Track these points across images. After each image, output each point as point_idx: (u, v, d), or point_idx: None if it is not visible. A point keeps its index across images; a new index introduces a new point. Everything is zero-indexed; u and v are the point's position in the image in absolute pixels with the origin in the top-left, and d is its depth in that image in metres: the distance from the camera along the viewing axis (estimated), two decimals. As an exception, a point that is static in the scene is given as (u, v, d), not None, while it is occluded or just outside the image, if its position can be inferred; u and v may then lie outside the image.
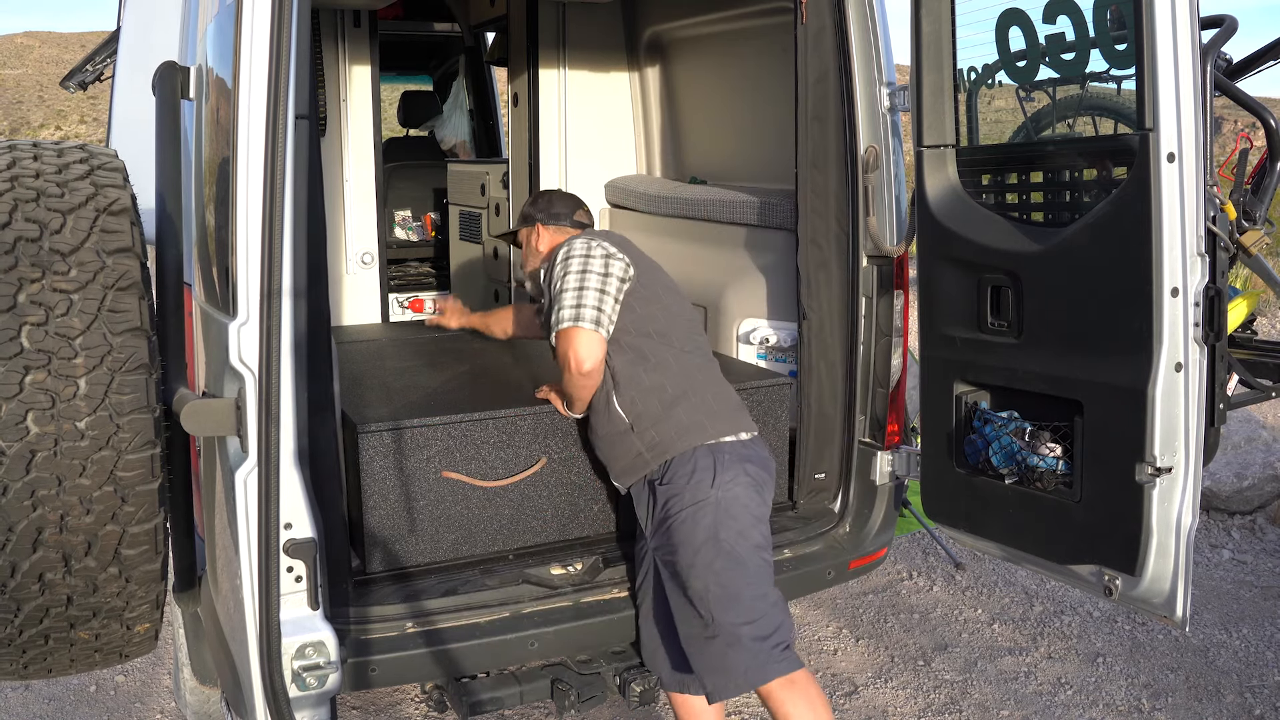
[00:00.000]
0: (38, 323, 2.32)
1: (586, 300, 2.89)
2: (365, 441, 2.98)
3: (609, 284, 2.93)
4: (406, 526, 3.06)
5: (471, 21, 6.69)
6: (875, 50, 3.32)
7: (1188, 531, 2.67)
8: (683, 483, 2.86)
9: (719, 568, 2.78)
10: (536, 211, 3.42)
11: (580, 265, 2.94)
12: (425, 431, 3.05)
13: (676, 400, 2.94)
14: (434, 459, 3.07)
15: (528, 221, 3.43)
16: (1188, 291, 2.59)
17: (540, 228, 3.38)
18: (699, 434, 2.91)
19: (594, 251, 2.97)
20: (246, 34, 2.23)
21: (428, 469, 3.07)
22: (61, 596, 2.46)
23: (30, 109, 44.41)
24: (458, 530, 3.13)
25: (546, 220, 3.39)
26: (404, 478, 3.04)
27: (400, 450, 3.03)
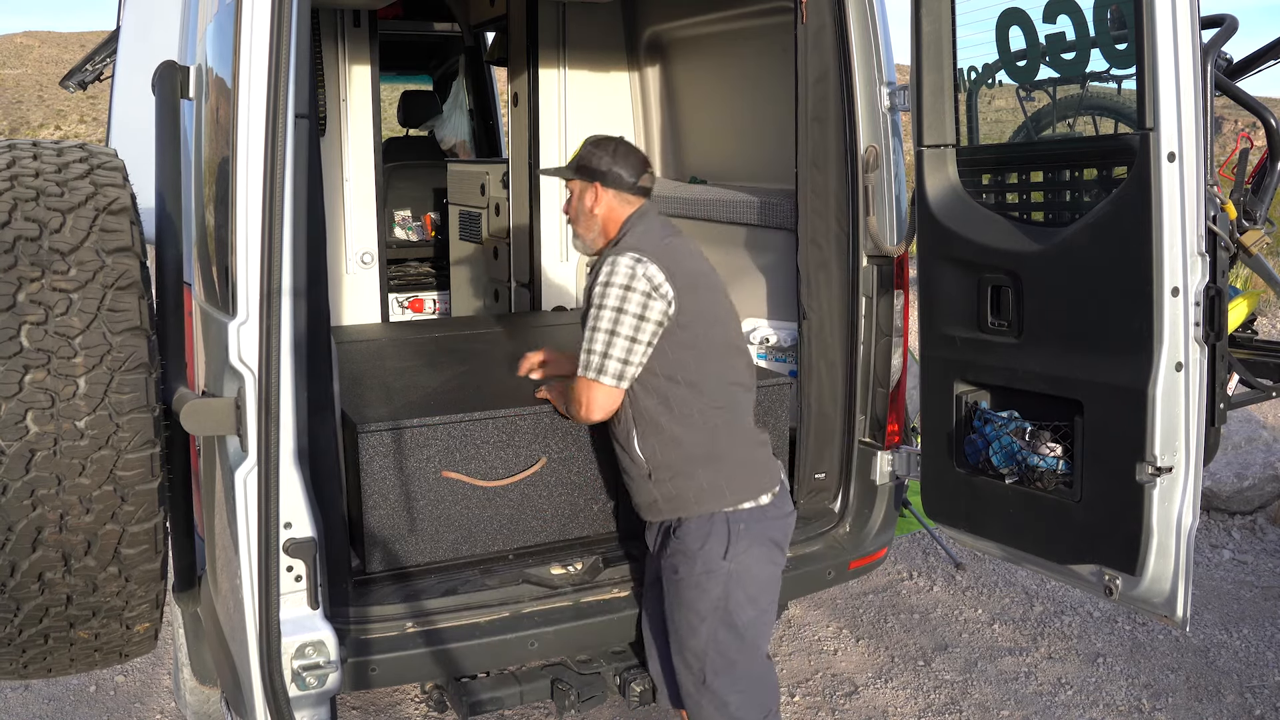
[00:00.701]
0: (37, 322, 2.32)
1: (614, 351, 2.74)
2: (365, 441, 2.98)
3: (642, 330, 2.74)
4: (406, 526, 3.06)
5: (471, 21, 6.69)
6: (875, 50, 3.31)
7: (1188, 531, 2.67)
8: (695, 546, 2.81)
9: (721, 638, 2.81)
10: (599, 167, 2.97)
11: (618, 300, 2.73)
12: (425, 431, 3.05)
13: (698, 460, 2.81)
14: (434, 459, 3.06)
15: (586, 175, 3.00)
16: (1188, 291, 2.59)
17: (600, 189, 2.97)
18: (717, 500, 2.81)
19: (636, 284, 2.73)
20: (246, 33, 2.23)
21: (428, 469, 3.06)
22: (61, 596, 2.46)
23: (30, 109, 44.41)
24: (458, 530, 3.12)
25: (608, 183, 2.97)
26: (404, 477, 3.03)
27: (400, 450, 3.02)
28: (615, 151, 2.99)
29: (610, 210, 2.97)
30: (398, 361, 3.89)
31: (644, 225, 2.92)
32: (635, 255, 2.76)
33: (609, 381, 2.75)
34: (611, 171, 2.96)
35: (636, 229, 2.91)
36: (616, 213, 2.97)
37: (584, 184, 3.00)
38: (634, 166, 2.98)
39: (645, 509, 2.93)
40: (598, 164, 2.97)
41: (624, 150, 3.02)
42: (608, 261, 2.79)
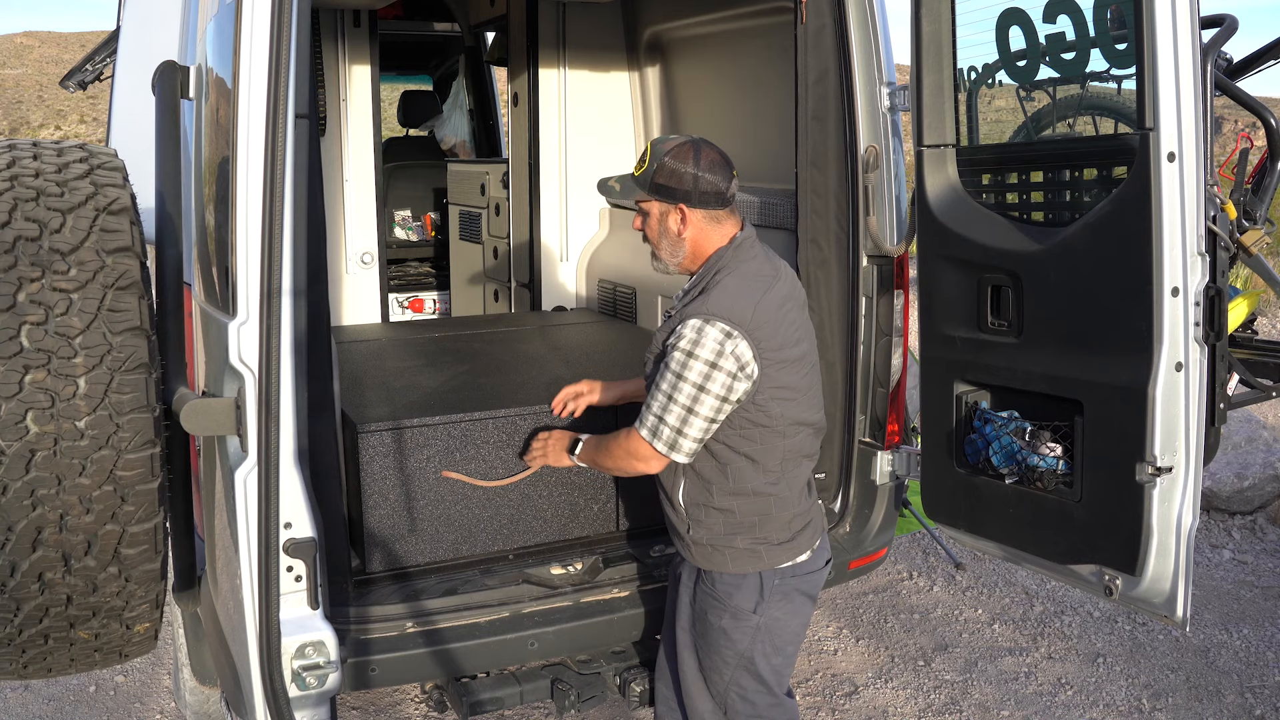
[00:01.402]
0: (37, 322, 2.32)
1: (689, 430, 2.53)
2: (365, 441, 2.98)
3: (721, 411, 2.52)
4: (406, 526, 3.06)
5: (471, 21, 6.69)
6: (875, 50, 3.31)
7: (1188, 531, 2.67)
8: (724, 595, 2.70)
9: (743, 683, 2.76)
10: (683, 186, 2.57)
11: (700, 378, 2.48)
12: (425, 431, 3.05)
13: (741, 528, 2.67)
14: (434, 459, 3.06)
15: (667, 196, 2.60)
16: (1188, 291, 2.59)
17: (686, 211, 2.60)
18: (754, 562, 2.68)
19: (723, 363, 2.46)
20: (246, 33, 2.23)
21: (428, 469, 3.06)
22: (61, 596, 2.46)
23: (30, 109, 44.42)
24: (458, 530, 3.12)
25: (695, 202, 2.58)
26: (404, 478, 3.03)
27: (400, 450, 3.02)
28: (699, 160, 2.57)
29: (701, 233, 2.63)
30: (398, 361, 3.89)
31: (739, 265, 2.59)
32: (726, 328, 2.46)
33: (669, 454, 2.58)
34: (698, 189, 2.57)
35: (732, 270, 2.58)
36: (708, 236, 2.63)
37: (665, 208, 2.62)
38: (723, 174, 2.59)
39: (678, 545, 2.82)
40: (681, 182, 2.57)
41: (708, 156, 2.59)
42: (692, 327, 2.48)
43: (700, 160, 2.57)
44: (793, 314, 2.63)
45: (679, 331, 2.51)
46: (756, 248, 2.66)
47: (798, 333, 2.63)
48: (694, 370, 2.47)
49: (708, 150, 2.60)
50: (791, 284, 2.70)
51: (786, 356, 2.57)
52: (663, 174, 2.59)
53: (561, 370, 3.79)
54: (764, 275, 2.60)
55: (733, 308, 2.50)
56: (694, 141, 2.61)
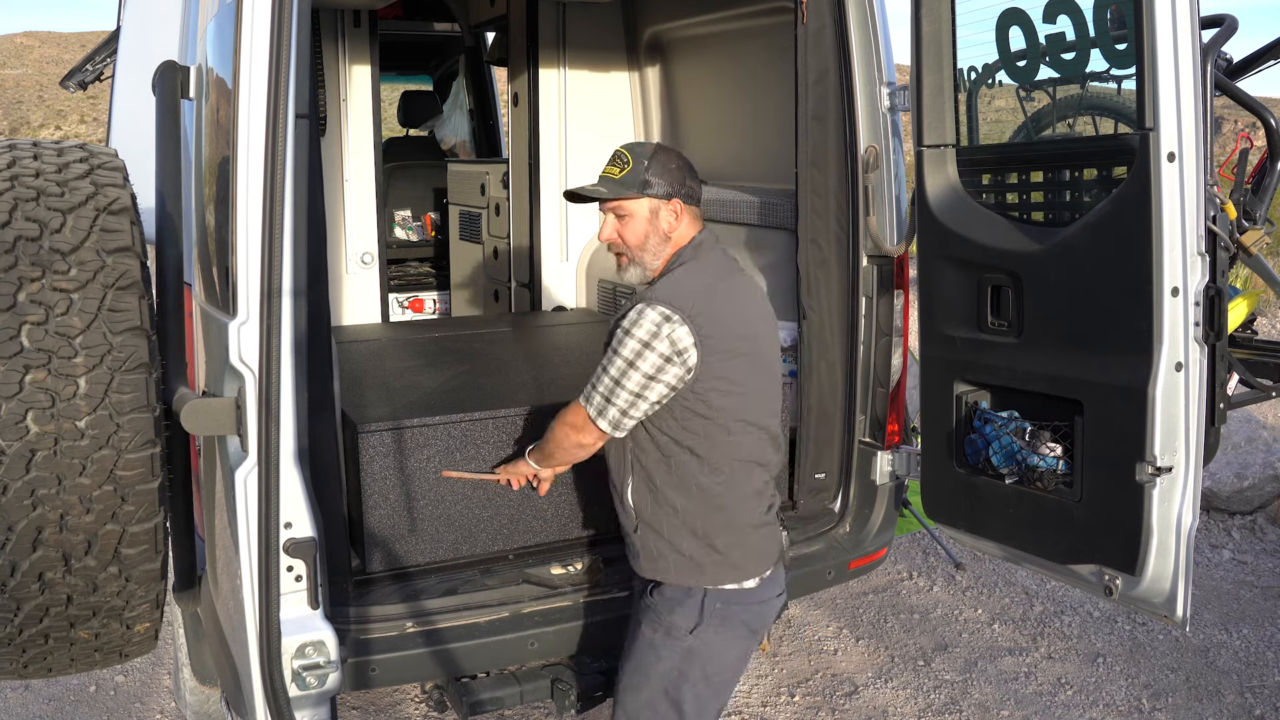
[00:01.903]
0: (38, 322, 2.32)
1: (616, 400, 2.54)
2: (365, 441, 2.97)
3: (649, 389, 2.51)
4: (406, 526, 3.05)
5: (471, 21, 6.69)
6: (875, 50, 3.32)
7: (1188, 531, 2.67)
8: (663, 610, 2.64)
9: (660, 709, 2.67)
10: (673, 181, 2.64)
11: (631, 354, 2.50)
12: (425, 431, 3.05)
13: (686, 532, 2.61)
14: (434, 459, 3.06)
15: (660, 191, 2.64)
16: (1188, 291, 2.59)
17: (680, 207, 2.65)
18: (697, 576, 2.62)
19: (656, 344, 2.48)
20: (246, 33, 2.24)
21: (428, 469, 3.05)
22: (61, 596, 2.46)
23: (30, 109, 44.42)
24: (458, 530, 3.12)
25: (687, 197, 2.67)
26: (404, 477, 3.03)
27: (400, 450, 3.02)
28: (679, 159, 2.69)
29: (684, 230, 2.68)
30: (398, 361, 3.90)
31: (696, 261, 2.64)
32: (666, 311, 2.49)
33: (604, 426, 2.58)
34: (686, 185, 2.66)
35: (687, 263, 2.63)
36: (686, 230, 2.69)
37: (657, 201, 2.64)
38: (695, 173, 2.71)
39: (629, 555, 2.77)
40: (673, 177, 2.64)
41: (681, 157, 2.71)
42: (636, 308, 2.53)
43: (680, 159, 2.69)
44: (748, 310, 2.65)
45: (625, 311, 2.57)
46: (715, 249, 2.71)
47: (749, 329, 2.63)
48: (627, 347, 2.50)
49: (678, 154, 2.73)
50: (752, 285, 2.77)
51: (733, 349, 2.55)
52: (654, 170, 2.63)
53: (561, 370, 3.79)
54: (719, 268, 2.66)
55: (675, 293, 2.54)
56: (665, 146, 2.73)
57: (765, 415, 2.68)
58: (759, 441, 2.66)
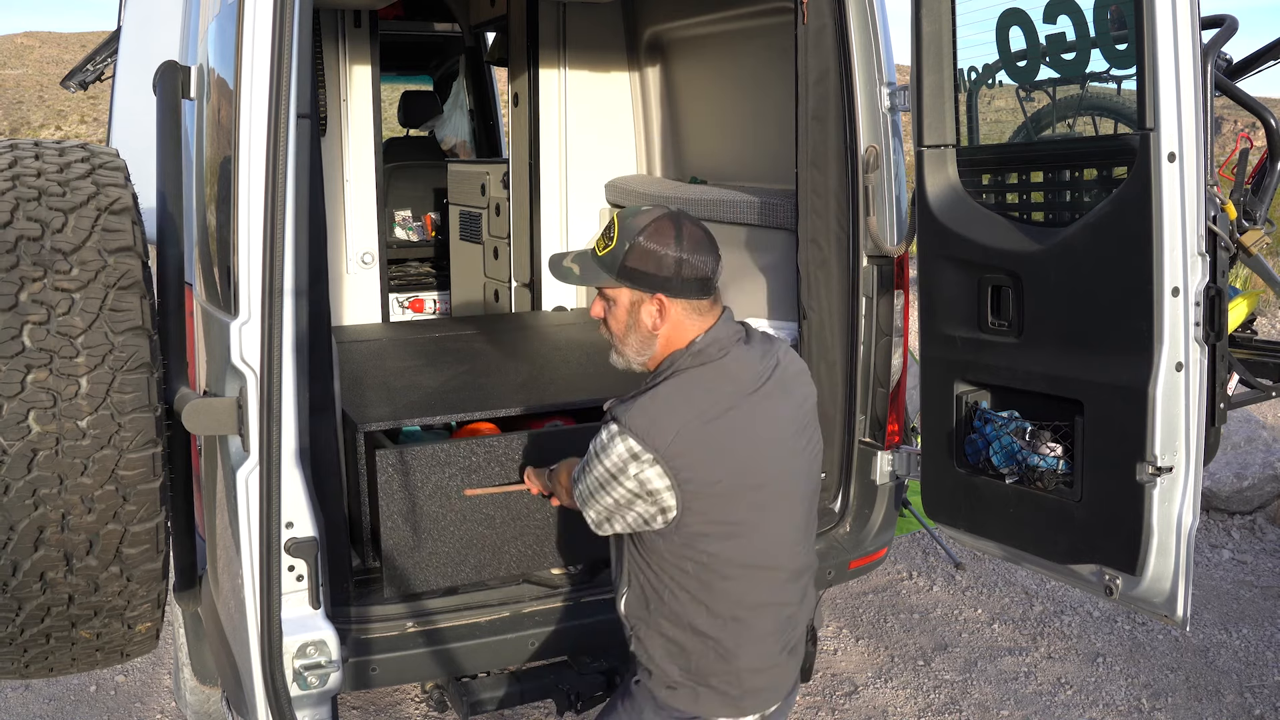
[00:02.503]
0: (39, 321, 2.32)
1: (592, 507, 2.20)
2: (383, 462, 2.80)
3: (626, 514, 2.14)
4: (428, 550, 2.90)
5: (472, 21, 6.69)
6: (875, 50, 3.32)
7: (1188, 531, 2.67)
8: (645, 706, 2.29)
9: None
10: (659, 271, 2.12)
11: (600, 478, 2.12)
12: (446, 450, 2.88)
13: (679, 660, 2.22)
14: (455, 477, 2.90)
15: (640, 283, 2.15)
16: (1188, 291, 2.59)
17: (665, 303, 2.14)
18: (689, 702, 2.23)
19: (625, 480, 2.08)
20: (248, 33, 2.24)
21: (449, 487, 2.90)
22: (63, 595, 2.47)
23: (30, 109, 44.41)
24: (483, 551, 2.96)
25: (677, 290, 2.14)
26: (424, 500, 2.87)
27: (418, 470, 2.86)
28: (681, 240, 2.12)
29: (677, 328, 2.16)
30: (398, 361, 3.90)
31: (691, 375, 2.12)
32: (636, 447, 2.06)
33: (587, 520, 2.24)
34: (680, 276, 2.11)
35: (678, 376, 2.12)
36: (684, 331, 2.17)
37: (638, 294, 2.16)
38: (708, 256, 2.15)
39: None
40: (660, 266, 2.11)
41: (690, 234, 2.14)
42: (607, 429, 2.11)
43: (683, 240, 2.11)
44: (761, 435, 2.14)
45: (606, 420, 2.15)
46: (727, 352, 2.16)
47: (757, 463, 2.14)
48: (598, 469, 2.12)
49: (690, 227, 2.15)
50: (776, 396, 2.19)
51: (729, 490, 2.10)
52: (635, 256, 2.13)
53: (561, 370, 3.80)
54: (721, 382, 2.13)
55: (651, 426, 2.06)
56: (672, 216, 2.15)
57: (779, 554, 2.21)
58: (773, 583, 2.21)
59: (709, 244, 2.17)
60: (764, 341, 2.26)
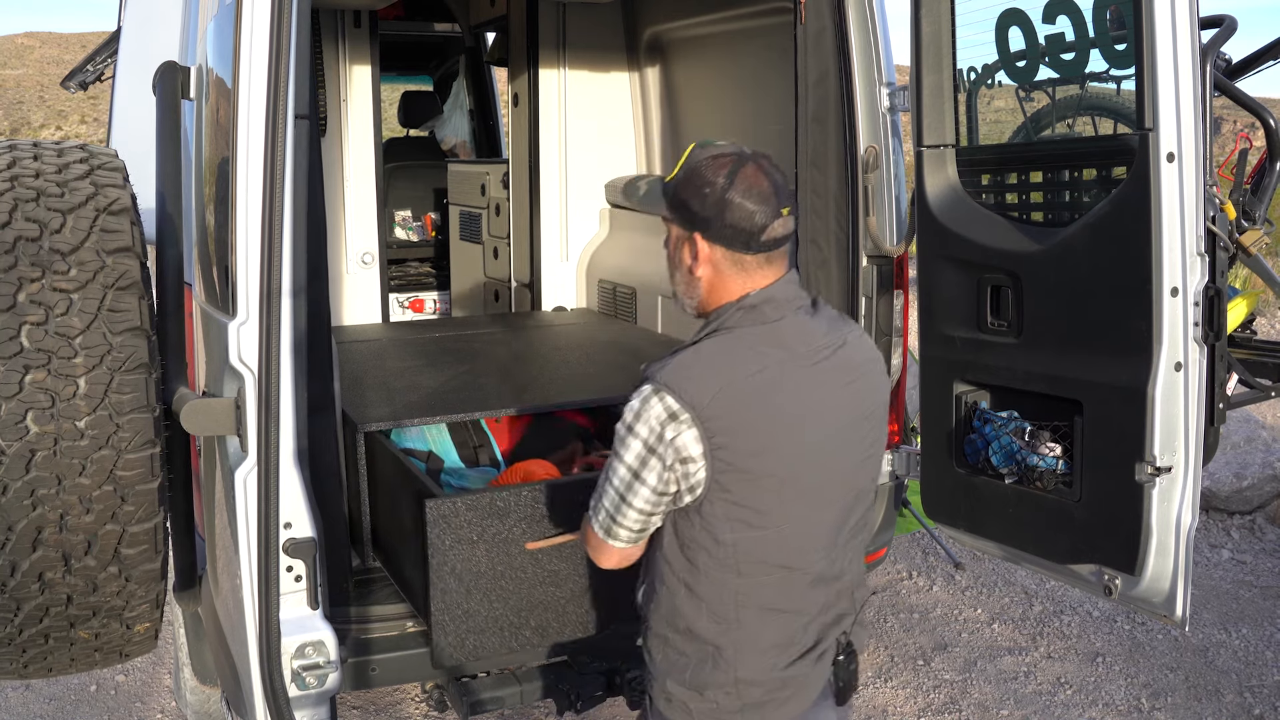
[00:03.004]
0: (37, 322, 2.32)
1: (623, 520, 1.97)
2: (434, 512, 2.46)
3: (660, 504, 1.93)
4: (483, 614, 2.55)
5: (471, 22, 6.70)
6: (875, 50, 3.32)
7: (1187, 531, 2.67)
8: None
9: None
10: (699, 208, 1.94)
11: (638, 459, 1.91)
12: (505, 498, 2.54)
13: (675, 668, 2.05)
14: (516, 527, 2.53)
15: (681, 216, 1.98)
16: (1187, 291, 2.59)
17: (700, 242, 1.96)
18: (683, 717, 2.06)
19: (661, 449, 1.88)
20: (246, 34, 2.24)
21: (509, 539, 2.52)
22: (61, 596, 2.47)
23: (30, 109, 44.42)
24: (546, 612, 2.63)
25: (713, 233, 1.94)
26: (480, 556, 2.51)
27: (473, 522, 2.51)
28: (734, 179, 1.92)
29: (718, 277, 1.97)
30: (398, 361, 3.90)
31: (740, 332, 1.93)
32: (674, 406, 1.86)
33: (607, 539, 2.02)
34: (721, 218, 1.92)
35: (725, 333, 1.94)
36: (726, 284, 1.97)
37: (680, 235, 2.00)
38: (763, 206, 1.91)
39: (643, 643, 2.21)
40: (702, 203, 1.92)
41: (749, 177, 1.93)
42: (640, 394, 1.91)
43: (736, 181, 1.91)
44: (809, 412, 1.94)
45: (634, 390, 1.95)
46: (782, 315, 1.96)
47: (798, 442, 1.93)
48: (630, 451, 1.91)
49: (752, 171, 1.93)
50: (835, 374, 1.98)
51: (760, 470, 1.90)
52: (684, 186, 1.96)
53: (562, 370, 3.80)
54: (769, 355, 1.92)
55: (690, 383, 1.87)
56: (740, 155, 1.96)
57: (804, 555, 1.99)
58: (786, 586, 1.99)
59: (774, 196, 1.92)
60: (834, 319, 2.05)
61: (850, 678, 2.12)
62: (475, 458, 3.20)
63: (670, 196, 2.00)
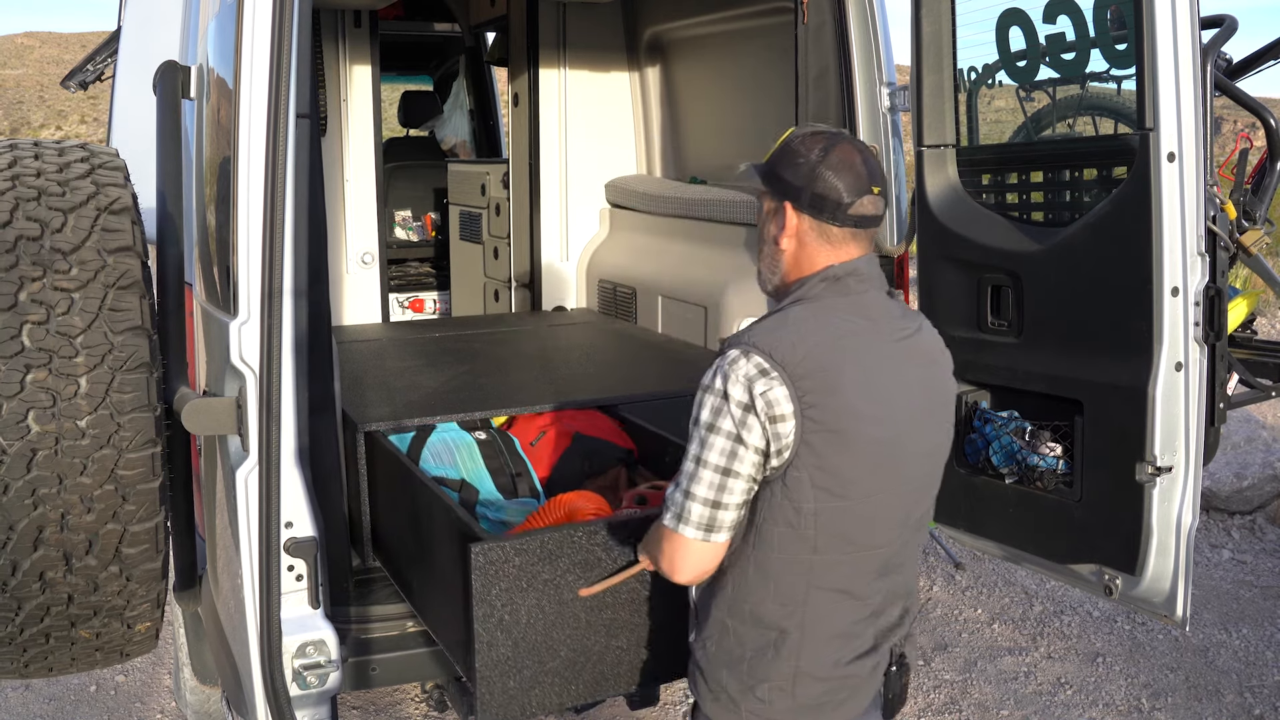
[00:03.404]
0: (39, 321, 2.32)
1: (697, 490, 1.88)
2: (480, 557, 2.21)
3: (739, 463, 1.86)
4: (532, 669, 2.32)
5: (472, 21, 6.70)
6: (875, 50, 3.32)
7: (1188, 531, 2.68)
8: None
9: None
10: (791, 178, 1.97)
11: (710, 417, 1.87)
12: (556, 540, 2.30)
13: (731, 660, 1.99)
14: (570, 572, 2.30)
15: (773, 187, 2.01)
16: (1188, 291, 2.59)
17: (790, 212, 1.98)
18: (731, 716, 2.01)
19: (758, 403, 1.83)
20: (247, 33, 2.24)
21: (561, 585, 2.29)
22: (62, 595, 2.47)
23: (31, 109, 44.42)
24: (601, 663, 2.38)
25: (804, 203, 1.96)
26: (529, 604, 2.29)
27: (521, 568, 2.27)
28: (827, 154, 1.94)
29: (803, 248, 1.99)
30: (398, 361, 3.90)
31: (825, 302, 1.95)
32: (763, 363, 1.84)
33: (720, 539, 1.91)
34: (811, 188, 1.94)
35: (810, 301, 1.95)
36: (811, 256, 1.98)
37: (773, 204, 2.02)
38: (850, 181, 1.94)
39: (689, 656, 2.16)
40: (794, 173, 1.96)
41: (841, 154, 1.95)
42: (724, 359, 1.89)
43: (829, 157, 1.94)
44: (893, 383, 1.93)
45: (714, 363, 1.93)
46: (864, 290, 1.98)
47: (884, 409, 1.91)
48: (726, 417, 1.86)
49: (846, 148, 1.96)
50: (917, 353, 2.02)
51: (848, 432, 1.86)
52: (779, 158, 2.00)
53: (562, 370, 3.80)
54: (856, 323, 1.94)
55: (779, 343, 1.86)
56: (834, 134, 1.99)
57: (875, 533, 1.95)
58: (858, 567, 1.96)
59: (865, 173, 1.95)
60: (906, 307, 2.09)
61: (900, 690, 2.10)
62: (513, 487, 2.94)
63: (765, 170, 2.03)
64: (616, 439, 3.16)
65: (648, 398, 3.36)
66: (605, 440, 3.15)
